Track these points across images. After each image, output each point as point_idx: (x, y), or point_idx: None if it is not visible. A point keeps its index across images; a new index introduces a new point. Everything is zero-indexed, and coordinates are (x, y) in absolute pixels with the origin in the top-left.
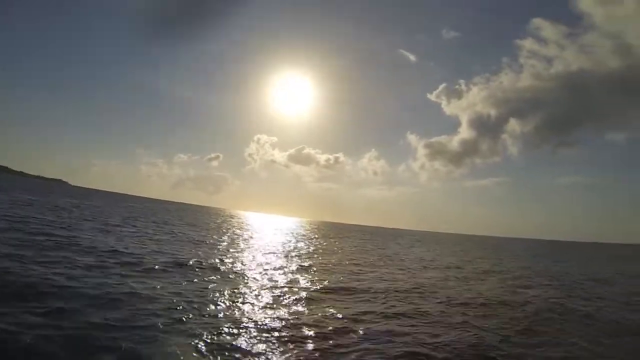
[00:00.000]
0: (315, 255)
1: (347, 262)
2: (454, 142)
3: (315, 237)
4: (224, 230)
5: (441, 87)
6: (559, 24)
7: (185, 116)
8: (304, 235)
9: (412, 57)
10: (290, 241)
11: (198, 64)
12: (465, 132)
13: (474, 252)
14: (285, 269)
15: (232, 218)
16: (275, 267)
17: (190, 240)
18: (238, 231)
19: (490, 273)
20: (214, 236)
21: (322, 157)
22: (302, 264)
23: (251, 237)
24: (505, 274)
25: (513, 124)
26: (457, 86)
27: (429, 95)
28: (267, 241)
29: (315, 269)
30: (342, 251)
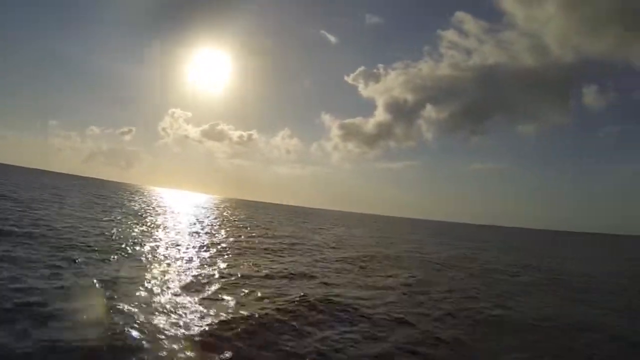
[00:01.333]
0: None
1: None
2: (369, 125)
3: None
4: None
5: (359, 70)
6: (481, 19)
7: (98, 86)
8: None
9: (332, 39)
10: (177, 218)
11: (113, 33)
12: (380, 115)
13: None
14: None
15: (135, 194)
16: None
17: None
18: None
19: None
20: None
21: (236, 134)
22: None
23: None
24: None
25: (429, 110)
26: (375, 70)
27: (346, 77)
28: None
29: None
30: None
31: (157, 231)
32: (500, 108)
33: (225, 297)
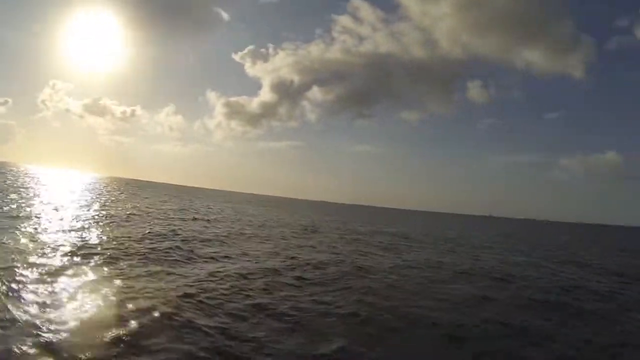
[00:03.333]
0: None
1: None
2: (254, 104)
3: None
4: None
5: (247, 48)
6: (377, 8)
7: None
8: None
9: (225, 16)
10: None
11: None
12: (266, 95)
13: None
14: None
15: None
16: None
17: None
18: None
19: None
20: None
21: (119, 109)
22: None
23: None
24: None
25: (315, 92)
26: (263, 49)
27: (234, 55)
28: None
29: None
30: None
31: None
32: (387, 94)
33: None
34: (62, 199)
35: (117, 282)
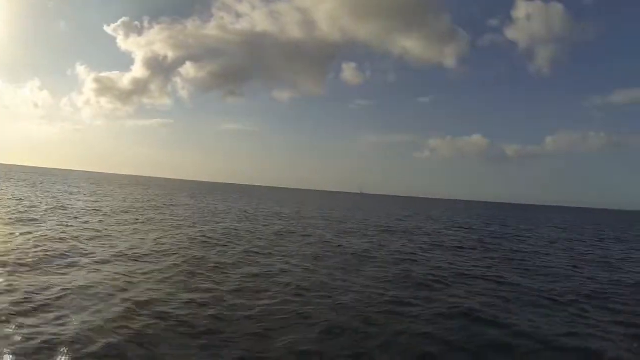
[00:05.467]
0: None
1: None
2: (125, 80)
3: None
4: None
5: (120, 20)
6: None
7: None
8: None
9: None
10: None
11: None
12: (138, 71)
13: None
14: None
15: None
16: None
17: None
18: None
19: None
20: None
21: None
22: None
23: None
24: None
25: (188, 68)
26: (137, 22)
27: (106, 27)
28: None
29: None
30: None
31: None
32: (260, 73)
33: None
34: None
35: None
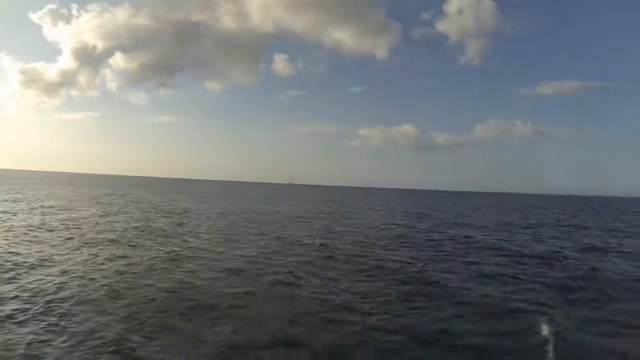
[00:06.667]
0: None
1: None
2: (52, 71)
3: None
4: None
5: (47, 7)
6: None
7: None
8: None
9: None
10: None
11: None
12: (66, 61)
13: None
14: None
15: None
16: None
17: None
18: None
19: None
20: None
21: None
22: None
23: None
24: None
25: (118, 58)
26: (65, 10)
27: (32, 15)
28: None
29: None
30: None
31: None
32: (192, 64)
33: None
34: None
35: None
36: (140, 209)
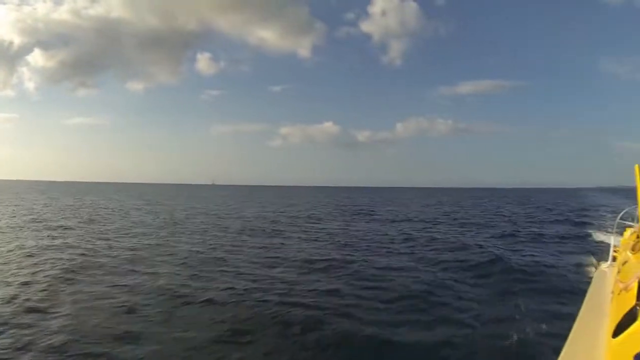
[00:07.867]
0: None
1: None
2: None
3: None
4: None
5: None
6: None
7: None
8: None
9: None
10: None
11: None
12: None
13: None
14: None
15: None
16: None
17: None
18: None
19: None
20: None
21: None
22: None
23: None
24: None
25: (37, 56)
26: None
27: None
28: None
29: None
30: None
31: None
32: (114, 63)
33: None
34: None
35: None
36: None
